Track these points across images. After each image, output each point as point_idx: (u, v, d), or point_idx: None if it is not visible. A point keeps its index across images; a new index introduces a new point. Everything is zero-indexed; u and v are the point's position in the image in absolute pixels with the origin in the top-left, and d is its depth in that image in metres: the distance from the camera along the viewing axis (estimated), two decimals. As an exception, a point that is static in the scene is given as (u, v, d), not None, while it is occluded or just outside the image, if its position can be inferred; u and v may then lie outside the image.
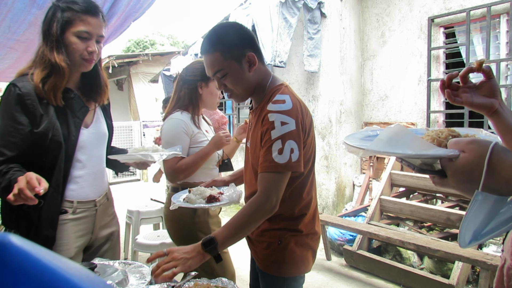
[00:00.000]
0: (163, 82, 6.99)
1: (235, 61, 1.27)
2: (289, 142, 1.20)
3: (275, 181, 1.20)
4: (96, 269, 1.34)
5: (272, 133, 1.21)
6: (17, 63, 3.41)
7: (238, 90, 1.33)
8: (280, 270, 1.37)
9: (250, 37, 1.32)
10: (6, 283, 0.24)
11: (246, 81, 1.31)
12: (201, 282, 1.25)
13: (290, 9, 4.26)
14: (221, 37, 1.28)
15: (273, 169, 1.19)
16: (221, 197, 1.52)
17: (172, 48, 20.31)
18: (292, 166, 1.19)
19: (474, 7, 3.47)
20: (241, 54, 1.27)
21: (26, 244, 0.27)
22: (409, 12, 4.08)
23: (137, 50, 20.10)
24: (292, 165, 1.19)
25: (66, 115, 1.37)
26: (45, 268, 0.26)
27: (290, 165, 1.19)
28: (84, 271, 0.29)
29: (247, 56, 1.28)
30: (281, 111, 1.23)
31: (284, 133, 1.20)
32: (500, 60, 3.36)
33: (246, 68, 1.29)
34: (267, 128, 1.23)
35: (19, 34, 2.72)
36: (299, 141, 1.22)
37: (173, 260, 1.15)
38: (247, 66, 1.29)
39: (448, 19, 3.76)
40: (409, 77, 4.16)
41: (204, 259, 1.18)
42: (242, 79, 1.30)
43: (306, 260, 1.38)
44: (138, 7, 2.79)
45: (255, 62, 1.30)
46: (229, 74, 1.29)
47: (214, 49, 1.27)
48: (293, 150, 1.20)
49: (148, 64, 9.76)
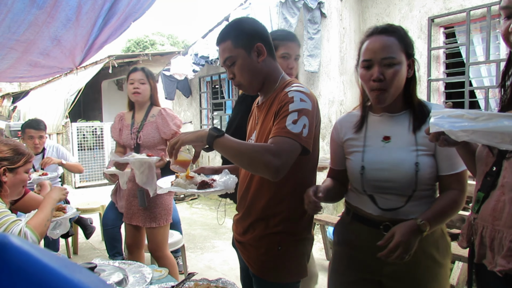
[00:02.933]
0: (163, 82, 6.98)
1: (244, 49, 1.29)
2: (304, 118, 1.19)
3: (289, 144, 1.15)
4: (96, 269, 1.34)
5: (290, 106, 1.20)
6: (17, 63, 3.41)
7: (245, 79, 1.33)
8: (281, 276, 1.33)
9: (262, 30, 1.35)
10: (6, 283, 0.24)
11: (253, 70, 1.32)
12: (201, 282, 1.25)
13: (290, 9, 4.26)
14: (234, 27, 1.34)
15: (285, 134, 1.16)
16: (214, 184, 1.41)
17: (172, 48, 20.29)
18: (301, 139, 1.17)
19: (474, 7, 3.47)
20: (250, 43, 1.30)
21: (26, 244, 0.27)
22: (409, 12, 4.08)
23: (137, 50, 20.09)
24: (302, 139, 1.17)
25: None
26: (45, 268, 0.26)
27: (301, 138, 1.16)
28: (84, 271, 0.29)
29: (256, 46, 1.30)
30: (301, 91, 1.24)
31: (302, 108, 1.20)
32: (500, 60, 3.36)
33: (254, 58, 1.31)
34: (286, 102, 1.22)
35: (19, 34, 2.72)
36: (312, 123, 1.22)
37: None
38: (255, 56, 1.31)
39: (448, 19, 3.76)
40: (409, 77, 4.16)
41: (197, 139, 1.19)
42: (250, 67, 1.31)
43: (304, 264, 1.37)
44: (138, 7, 2.79)
45: (264, 53, 1.31)
46: (237, 61, 1.30)
47: (226, 37, 1.32)
48: (305, 126, 1.18)
49: (148, 64, 9.75)
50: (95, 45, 3.29)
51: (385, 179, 1.22)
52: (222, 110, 6.88)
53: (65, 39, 3.00)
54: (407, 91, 1.23)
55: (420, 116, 1.21)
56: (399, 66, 1.16)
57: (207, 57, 5.53)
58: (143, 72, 2.40)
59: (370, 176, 1.24)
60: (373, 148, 1.26)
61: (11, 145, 1.69)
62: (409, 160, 1.19)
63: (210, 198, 6.63)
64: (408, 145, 1.21)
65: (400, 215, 1.20)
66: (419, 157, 1.19)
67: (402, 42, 1.19)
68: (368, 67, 1.19)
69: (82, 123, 8.83)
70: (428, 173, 1.19)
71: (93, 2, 2.52)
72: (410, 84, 1.23)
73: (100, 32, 3.00)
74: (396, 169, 1.20)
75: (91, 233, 3.38)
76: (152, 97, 2.47)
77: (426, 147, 1.19)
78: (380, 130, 1.27)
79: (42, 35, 2.82)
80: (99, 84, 11.32)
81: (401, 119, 1.25)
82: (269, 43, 1.35)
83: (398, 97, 1.23)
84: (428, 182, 1.21)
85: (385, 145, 1.24)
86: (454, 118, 0.79)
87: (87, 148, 8.50)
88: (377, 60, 1.17)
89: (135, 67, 2.45)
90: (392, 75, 1.16)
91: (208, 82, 7.15)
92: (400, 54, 1.17)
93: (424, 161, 1.18)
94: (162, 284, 1.34)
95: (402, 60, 1.18)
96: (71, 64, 3.69)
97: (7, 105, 11.90)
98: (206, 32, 5.74)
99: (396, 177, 1.20)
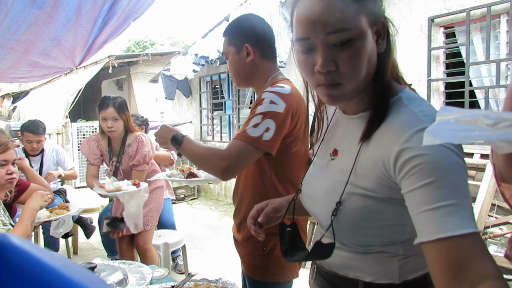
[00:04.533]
0: (163, 82, 6.98)
1: (234, 47, 1.36)
2: (268, 121, 1.20)
3: (239, 148, 1.18)
4: (96, 269, 1.34)
5: (258, 108, 1.23)
6: (17, 63, 3.41)
7: (233, 75, 1.42)
8: (266, 276, 1.36)
9: (254, 32, 1.36)
10: (6, 283, 0.24)
11: (240, 69, 1.38)
12: (201, 282, 1.25)
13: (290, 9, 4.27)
14: (233, 24, 1.40)
15: (241, 138, 1.19)
16: (199, 174, 1.78)
17: (172, 48, 20.30)
18: (259, 143, 1.17)
19: (474, 7, 3.47)
20: (240, 43, 1.35)
21: (26, 244, 0.27)
22: (409, 12, 4.08)
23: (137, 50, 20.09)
24: (261, 142, 1.17)
25: None
26: (45, 268, 0.26)
27: (258, 142, 1.17)
28: (84, 271, 0.29)
29: (245, 46, 1.35)
30: (275, 92, 1.25)
31: (269, 110, 1.21)
32: (500, 60, 3.36)
33: (243, 57, 1.36)
34: (256, 104, 1.25)
35: (19, 34, 2.72)
36: (281, 126, 1.21)
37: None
38: (244, 56, 1.36)
39: (448, 19, 3.76)
40: (409, 77, 4.16)
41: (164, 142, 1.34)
42: (237, 66, 1.38)
43: (293, 265, 1.36)
44: (138, 7, 2.78)
45: (251, 54, 1.35)
46: (228, 58, 1.39)
47: (225, 33, 1.40)
48: (268, 129, 1.19)
49: (148, 64, 9.76)
50: (95, 45, 3.29)
51: (313, 213, 0.89)
52: (222, 110, 6.88)
53: (65, 39, 3.00)
54: (378, 75, 0.75)
55: (374, 120, 0.74)
56: (359, 42, 0.68)
57: (207, 57, 5.53)
58: (114, 108, 2.41)
59: (305, 204, 0.92)
60: (319, 164, 0.90)
61: None
62: (332, 195, 0.78)
63: (210, 198, 6.63)
64: (344, 171, 0.78)
65: (335, 269, 0.85)
66: (351, 197, 0.75)
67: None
68: (308, 50, 0.71)
69: (82, 123, 8.83)
70: (364, 227, 0.75)
71: (93, 2, 2.52)
72: (381, 64, 0.74)
73: (100, 32, 3.00)
74: (320, 204, 0.84)
75: (92, 233, 3.38)
76: (127, 126, 2.53)
77: (369, 179, 0.73)
78: (336, 138, 0.87)
79: (42, 35, 2.82)
80: (99, 84, 11.32)
81: (357, 124, 0.80)
82: (261, 44, 1.36)
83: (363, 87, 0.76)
84: (370, 240, 0.77)
85: (329, 163, 0.86)
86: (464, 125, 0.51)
87: (87, 148, 8.48)
88: (320, 38, 0.68)
89: (105, 102, 2.43)
90: (349, 58, 0.69)
91: (208, 82, 7.15)
92: (358, 19, 0.68)
93: (357, 207, 0.74)
94: (162, 284, 1.34)
95: (363, 28, 0.68)
96: (71, 64, 3.69)
97: (7, 105, 11.88)
98: (206, 32, 5.74)
99: (319, 215, 0.84)
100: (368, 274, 0.79)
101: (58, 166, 3.52)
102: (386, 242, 0.77)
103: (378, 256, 0.78)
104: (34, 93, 10.27)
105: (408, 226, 0.73)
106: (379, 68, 0.75)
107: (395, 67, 0.79)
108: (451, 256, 0.56)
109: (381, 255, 0.77)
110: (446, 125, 0.53)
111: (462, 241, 0.56)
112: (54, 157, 3.45)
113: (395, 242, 0.77)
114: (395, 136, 0.68)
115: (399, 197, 0.68)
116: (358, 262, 0.80)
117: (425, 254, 0.61)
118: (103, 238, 3.14)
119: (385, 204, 0.72)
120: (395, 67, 0.78)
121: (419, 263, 0.78)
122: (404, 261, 0.77)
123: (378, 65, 0.74)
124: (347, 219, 0.75)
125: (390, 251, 0.77)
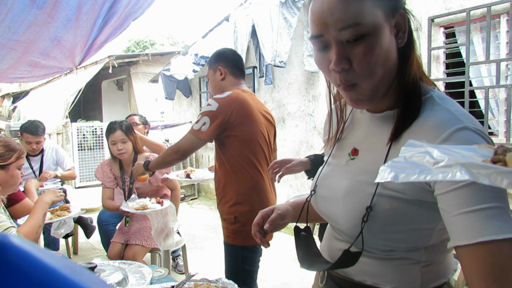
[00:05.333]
0: (163, 82, 6.98)
1: (212, 70, 1.92)
2: (204, 117, 1.70)
3: (187, 139, 1.75)
4: (96, 269, 1.34)
5: (201, 110, 1.75)
6: (17, 63, 3.41)
7: (211, 89, 1.96)
8: (236, 240, 1.76)
9: (225, 58, 1.89)
10: (6, 283, 0.24)
11: (216, 86, 1.91)
12: (201, 282, 1.25)
13: (290, 9, 4.26)
14: (211, 56, 1.95)
15: (189, 131, 1.74)
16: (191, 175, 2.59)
17: (172, 48, 20.29)
18: (198, 133, 1.70)
19: (474, 7, 3.47)
20: (215, 66, 1.90)
21: (26, 244, 0.27)
22: (409, 12, 4.08)
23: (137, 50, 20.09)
24: (200, 133, 1.70)
25: None
26: (45, 268, 0.26)
27: (199, 133, 1.70)
28: (84, 271, 0.29)
29: (218, 68, 1.89)
30: (214, 97, 1.76)
31: (205, 110, 1.72)
32: (500, 60, 3.36)
33: (218, 75, 1.90)
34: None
35: (19, 34, 2.72)
36: (215, 121, 1.69)
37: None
38: (218, 75, 1.89)
39: (448, 19, 3.76)
40: (409, 77, 4.15)
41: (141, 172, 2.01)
42: (214, 82, 1.92)
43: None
44: (138, 7, 2.78)
45: (224, 74, 1.88)
46: (209, 78, 1.94)
47: (207, 62, 1.92)
48: (205, 123, 1.69)
49: (148, 64, 9.76)
50: (95, 45, 3.29)
51: (330, 216, 0.83)
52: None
53: (65, 39, 3.00)
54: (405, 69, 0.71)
55: (406, 118, 0.70)
56: (374, 37, 0.64)
57: (207, 57, 5.52)
58: (121, 130, 2.56)
59: (319, 206, 0.86)
60: (335, 164, 0.85)
61: (2, 141, 1.68)
62: (360, 199, 0.73)
63: (210, 198, 6.63)
64: (370, 171, 0.73)
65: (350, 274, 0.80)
66: (379, 199, 0.70)
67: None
68: (323, 48, 0.69)
69: (82, 123, 8.83)
70: (390, 231, 0.71)
71: (93, 2, 2.52)
72: (403, 59, 0.71)
73: (100, 32, 3.00)
74: (340, 205, 0.78)
75: (92, 232, 3.38)
76: (135, 148, 2.67)
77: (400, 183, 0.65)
78: (355, 137, 0.82)
79: (42, 35, 2.82)
80: (99, 84, 11.32)
81: (380, 123, 0.76)
82: (230, 66, 1.88)
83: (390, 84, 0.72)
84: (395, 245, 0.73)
85: (348, 163, 0.80)
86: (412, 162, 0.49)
87: (87, 148, 8.49)
88: (332, 34, 0.66)
89: (112, 127, 2.58)
90: (363, 54, 0.65)
91: (208, 82, 7.15)
92: (372, 12, 0.64)
93: (385, 209, 0.69)
94: (162, 284, 1.34)
95: (377, 22, 0.64)
96: (71, 64, 3.69)
97: (7, 105, 11.88)
98: (206, 32, 5.73)
99: (339, 218, 0.78)
100: (388, 281, 0.74)
101: (58, 166, 3.51)
102: (410, 248, 0.72)
103: (399, 262, 0.73)
104: (34, 93, 10.27)
105: (434, 231, 0.70)
106: (401, 63, 0.70)
107: (420, 65, 0.74)
108: (494, 260, 0.53)
109: (402, 261, 0.73)
110: (399, 163, 0.50)
111: (505, 245, 0.53)
112: (53, 157, 3.45)
113: (418, 248, 0.73)
114: (432, 135, 0.64)
115: (428, 199, 0.65)
116: (377, 268, 0.75)
117: (462, 258, 0.57)
118: (103, 238, 3.14)
119: (413, 206, 0.68)
120: (419, 65, 0.74)
121: (440, 271, 0.75)
122: (426, 268, 0.73)
123: (400, 60, 0.70)
124: (373, 223, 0.70)
125: (412, 258, 0.73)
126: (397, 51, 0.69)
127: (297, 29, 4.42)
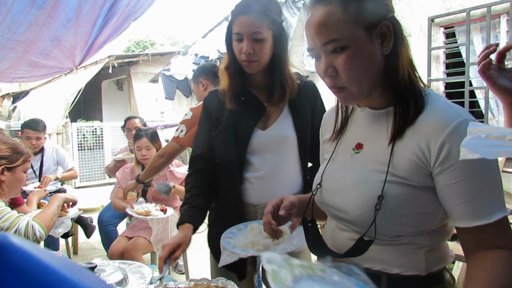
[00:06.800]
0: (163, 82, 6.99)
1: (196, 84, 2.27)
2: (182, 125, 1.91)
3: (169, 145, 2.00)
4: (96, 269, 1.34)
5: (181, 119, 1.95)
6: (17, 63, 3.41)
7: (197, 99, 2.25)
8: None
9: (205, 69, 2.25)
10: (6, 283, 0.24)
11: (201, 96, 2.18)
12: (201, 282, 1.25)
13: (290, 9, 4.26)
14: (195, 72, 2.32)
15: (171, 139, 1.96)
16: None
17: (172, 48, 20.30)
18: (178, 140, 1.92)
19: (474, 7, 3.47)
20: (197, 80, 2.25)
21: (26, 244, 0.27)
22: (409, 12, 4.08)
23: (137, 50, 20.10)
24: (179, 139, 1.91)
25: (241, 117, 1.36)
26: (45, 268, 0.26)
27: (178, 139, 1.92)
28: (84, 271, 0.29)
29: (200, 81, 2.23)
30: (191, 108, 1.93)
31: (183, 120, 1.93)
32: (500, 60, 3.36)
33: (201, 88, 2.24)
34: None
35: (19, 34, 2.72)
36: (191, 128, 1.84)
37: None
38: (201, 87, 2.23)
39: (448, 19, 3.76)
40: (409, 77, 4.15)
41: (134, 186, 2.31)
42: (199, 95, 2.27)
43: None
44: (138, 7, 2.79)
45: (205, 85, 2.21)
46: (194, 91, 2.29)
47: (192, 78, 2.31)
48: (182, 131, 1.90)
49: (148, 64, 9.76)
50: (95, 45, 3.29)
51: (338, 207, 0.86)
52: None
53: (65, 39, 3.00)
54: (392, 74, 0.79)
55: (405, 115, 0.78)
56: (351, 49, 0.74)
57: (207, 57, 5.53)
58: (147, 138, 2.79)
59: (325, 199, 0.90)
60: (339, 159, 0.91)
61: (10, 144, 1.70)
62: (370, 187, 0.79)
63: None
64: (377, 162, 0.80)
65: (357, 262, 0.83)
66: (388, 186, 0.76)
67: (344, 4, 0.72)
68: (317, 58, 0.81)
69: (82, 123, 8.84)
70: (399, 215, 0.76)
71: (93, 2, 2.52)
72: (388, 64, 0.78)
73: (100, 32, 3.00)
74: (349, 195, 0.83)
75: (92, 232, 3.38)
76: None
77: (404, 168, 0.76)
78: (357, 132, 0.89)
79: (42, 35, 2.82)
80: (99, 84, 11.32)
81: (383, 118, 0.83)
82: (210, 77, 2.18)
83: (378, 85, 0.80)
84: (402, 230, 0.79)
85: (353, 156, 0.87)
86: (494, 140, 0.58)
87: (87, 148, 8.50)
88: (319, 48, 0.77)
89: (139, 134, 2.81)
90: (343, 64, 0.75)
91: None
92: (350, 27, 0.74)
93: (394, 194, 0.76)
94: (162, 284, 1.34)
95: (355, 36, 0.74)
96: (71, 64, 3.69)
97: (7, 105, 11.89)
98: (206, 32, 5.74)
99: (349, 208, 0.82)
100: (395, 266, 0.80)
101: (58, 166, 3.51)
102: (415, 232, 0.79)
103: (405, 247, 0.79)
104: (34, 93, 10.27)
105: (438, 214, 0.78)
106: (391, 67, 0.78)
107: (413, 69, 0.82)
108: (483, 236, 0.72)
109: (408, 246, 0.79)
110: (478, 140, 0.59)
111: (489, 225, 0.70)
112: (54, 157, 3.45)
113: (423, 233, 0.79)
114: (437, 127, 0.74)
115: (433, 185, 0.76)
116: (385, 254, 0.81)
117: (461, 233, 0.75)
118: (103, 238, 3.14)
119: (420, 191, 0.76)
120: (413, 68, 0.82)
121: (441, 256, 0.83)
122: (430, 253, 0.80)
123: (390, 65, 0.78)
124: (384, 209, 0.76)
125: (418, 242, 0.79)
126: (385, 56, 0.78)
127: (297, 29, 4.42)
